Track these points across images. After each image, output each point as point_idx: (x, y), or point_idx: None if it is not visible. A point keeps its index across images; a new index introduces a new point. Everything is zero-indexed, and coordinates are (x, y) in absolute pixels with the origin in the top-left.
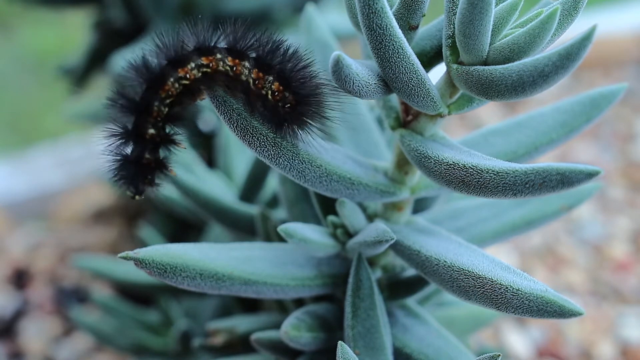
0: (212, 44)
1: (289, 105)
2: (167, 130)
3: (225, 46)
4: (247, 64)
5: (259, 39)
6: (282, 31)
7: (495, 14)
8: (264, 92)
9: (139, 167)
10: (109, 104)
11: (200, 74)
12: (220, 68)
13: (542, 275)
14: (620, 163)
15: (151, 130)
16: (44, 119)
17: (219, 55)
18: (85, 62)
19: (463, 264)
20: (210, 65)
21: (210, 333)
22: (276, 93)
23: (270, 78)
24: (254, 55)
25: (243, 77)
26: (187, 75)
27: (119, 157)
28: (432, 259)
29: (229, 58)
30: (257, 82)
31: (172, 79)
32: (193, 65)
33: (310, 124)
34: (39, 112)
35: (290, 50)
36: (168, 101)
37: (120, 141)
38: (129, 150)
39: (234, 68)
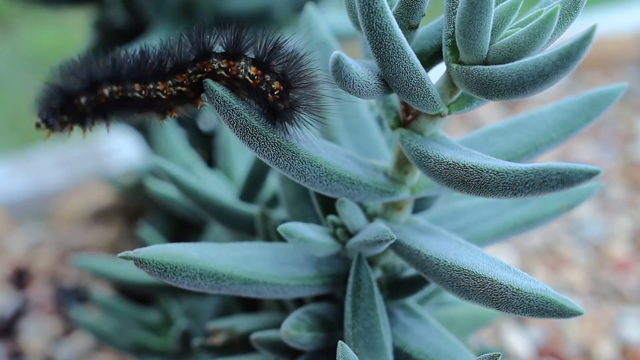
0: (209, 49)
1: (285, 100)
2: (110, 103)
3: (222, 49)
4: (243, 63)
5: (256, 39)
6: (282, 31)
7: (495, 14)
8: (262, 87)
9: (68, 103)
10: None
11: (196, 80)
12: (217, 72)
13: (542, 275)
14: (620, 163)
15: (106, 90)
16: None
17: (214, 59)
18: None
19: (463, 264)
20: (205, 70)
21: (210, 333)
22: (276, 92)
23: (268, 77)
24: (252, 55)
25: (240, 76)
26: (185, 82)
27: (59, 88)
28: (432, 259)
29: (224, 60)
30: (255, 78)
31: (170, 82)
32: (190, 71)
33: (305, 118)
34: None
35: (288, 49)
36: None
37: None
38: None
39: (229, 69)
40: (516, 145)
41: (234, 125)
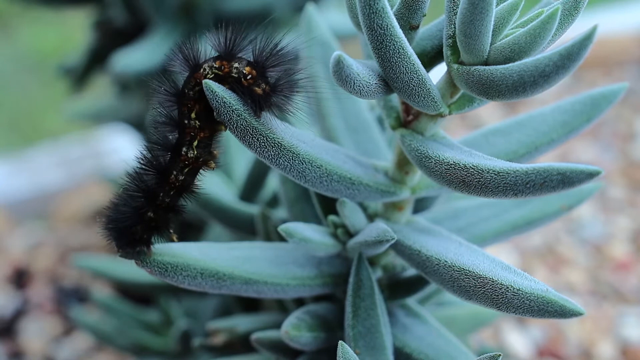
0: (203, 61)
1: (261, 85)
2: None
3: (216, 54)
4: (236, 64)
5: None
6: (282, 31)
7: (496, 14)
8: (234, 75)
9: (140, 220)
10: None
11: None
12: (209, 74)
13: (542, 275)
14: (621, 163)
15: (166, 199)
16: (44, 118)
17: (207, 65)
18: (85, 61)
19: (464, 264)
20: (198, 80)
21: (211, 333)
22: (249, 77)
23: (252, 71)
24: (248, 55)
25: (234, 74)
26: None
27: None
28: (432, 259)
29: (217, 62)
30: (248, 77)
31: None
32: (190, 92)
33: (286, 103)
34: (39, 112)
35: (258, 39)
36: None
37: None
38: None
39: (222, 68)
40: (517, 146)
41: (234, 126)
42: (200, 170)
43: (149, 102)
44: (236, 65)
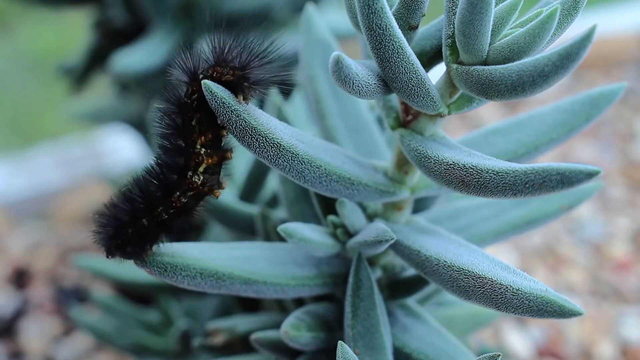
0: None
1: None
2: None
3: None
4: (201, 75)
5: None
6: (282, 31)
7: (495, 14)
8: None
9: (134, 227)
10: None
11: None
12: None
13: (542, 274)
14: (620, 163)
15: (164, 214)
16: (44, 118)
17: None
18: (85, 61)
19: (463, 264)
20: (190, 115)
21: (211, 333)
22: (235, 73)
23: (215, 67)
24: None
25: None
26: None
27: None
28: (432, 259)
29: (187, 87)
30: (215, 74)
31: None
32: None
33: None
34: (39, 112)
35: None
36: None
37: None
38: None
39: (193, 87)
40: (516, 145)
41: (233, 126)
42: (205, 197)
43: (148, 107)
44: (201, 76)
